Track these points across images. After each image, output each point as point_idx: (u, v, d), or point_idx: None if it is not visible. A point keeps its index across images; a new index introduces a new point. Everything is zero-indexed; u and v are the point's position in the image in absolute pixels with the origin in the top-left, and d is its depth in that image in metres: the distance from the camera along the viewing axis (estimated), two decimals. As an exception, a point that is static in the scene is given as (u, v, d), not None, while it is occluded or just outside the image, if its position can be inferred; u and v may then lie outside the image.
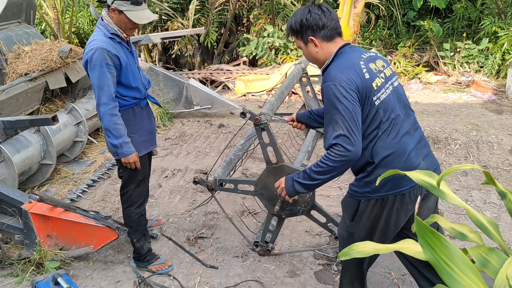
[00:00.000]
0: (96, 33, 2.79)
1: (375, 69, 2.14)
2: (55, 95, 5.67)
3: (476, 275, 1.15)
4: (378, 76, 2.12)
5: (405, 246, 1.48)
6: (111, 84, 2.72)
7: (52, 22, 8.78)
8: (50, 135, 4.41)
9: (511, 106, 6.83)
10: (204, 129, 6.13)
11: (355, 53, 2.16)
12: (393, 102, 2.14)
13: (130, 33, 2.88)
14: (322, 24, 2.15)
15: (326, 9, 2.19)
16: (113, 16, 2.76)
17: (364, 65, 2.10)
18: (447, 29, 9.50)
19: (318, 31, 2.16)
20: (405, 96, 2.28)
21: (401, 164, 2.10)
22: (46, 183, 4.54)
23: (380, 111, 2.09)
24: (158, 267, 3.17)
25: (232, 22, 10.13)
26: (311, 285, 3.00)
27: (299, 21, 2.19)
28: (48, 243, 3.20)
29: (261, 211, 3.92)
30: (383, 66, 2.21)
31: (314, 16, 2.15)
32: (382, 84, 2.13)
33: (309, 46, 2.22)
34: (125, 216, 3.15)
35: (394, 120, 2.12)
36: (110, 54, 2.69)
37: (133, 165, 2.90)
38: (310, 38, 2.18)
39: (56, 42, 5.46)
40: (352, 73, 2.06)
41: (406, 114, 2.21)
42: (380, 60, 2.23)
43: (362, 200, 2.22)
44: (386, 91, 2.13)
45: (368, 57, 2.18)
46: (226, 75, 8.51)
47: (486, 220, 1.64)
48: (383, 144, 2.11)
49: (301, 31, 2.20)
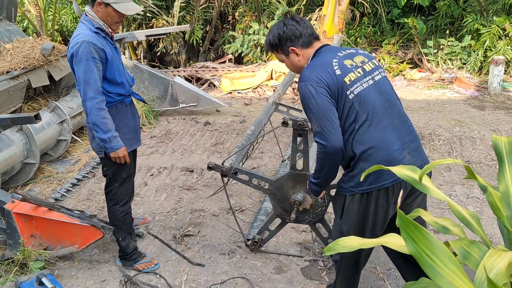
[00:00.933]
0: (80, 28, 2.76)
1: (351, 64, 2.20)
2: (38, 93, 5.59)
3: (458, 268, 1.17)
4: (352, 71, 2.18)
5: (389, 240, 1.50)
6: (97, 78, 2.69)
7: (35, 20, 8.65)
8: (33, 134, 4.35)
9: (493, 102, 6.95)
10: (190, 126, 6.11)
11: (330, 52, 2.25)
12: (372, 96, 2.17)
13: (116, 27, 2.86)
14: (299, 33, 2.25)
15: (300, 19, 2.30)
16: (99, 10, 2.74)
17: (336, 63, 2.18)
18: (431, 26, 9.62)
19: (297, 40, 2.26)
20: (390, 89, 2.29)
21: (382, 158, 2.12)
22: (29, 182, 4.48)
23: (355, 104, 2.14)
24: (144, 266, 3.15)
25: (218, 20, 10.11)
26: (298, 281, 3.02)
27: (277, 35, 2.29)
28: (32, 243, 3.15)
29: (246, 209, 3.93)
30: (363, 62, 2.25)
31: (290, 27, 2.26)
32: (358, 78, 2.17)
33: (290, 57, 2.31)
34: (110, 215, 3.12)
35: (373, 113, 2.14)
36: (96, 47, 2.67)
37: (122, 159, 2.88)
38: (290, 48, 2.28)
39: (38, 40, 5.39)
40: (321, 71, 2.14)
41: (390, 107, 2.21)
42: (361, 56, 2.27)
43: (348, 195, 2.26)
44: (362, 85, 2.17)
45: (345, 54, 2.24)
46: (211, 73, 8.49)
47: (468, 214, 1.67)
48: (362, 137, 2.14)
49: (281, 44, 2.29)
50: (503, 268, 1.19)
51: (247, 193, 4.17)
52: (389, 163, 2.02)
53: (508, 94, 7.31)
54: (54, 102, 5.00)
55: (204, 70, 8.61)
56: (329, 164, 2.20)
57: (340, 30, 8.17)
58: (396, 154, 2.14)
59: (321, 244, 3.36)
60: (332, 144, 2.11)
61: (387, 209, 2.21)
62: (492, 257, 1.24)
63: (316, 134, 2.16)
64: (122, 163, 2.91)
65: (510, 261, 1.23)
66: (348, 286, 2.53)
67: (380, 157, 2.11)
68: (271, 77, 7.98)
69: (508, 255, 1.26)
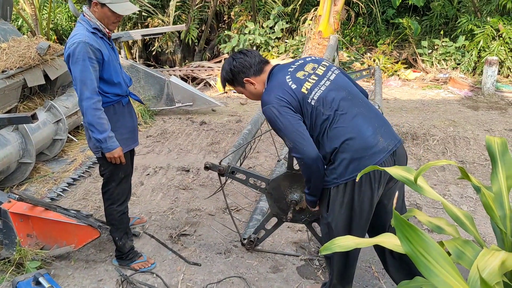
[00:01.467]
0: (78, 28, 2.77)
1: (304, 75, 2.33)
2: (34, 92, 5.58)
3: (452, 267, 1.20)
4: (307, 80, 2.31)
5: (384, 240, 1.52)
6: (94, 78, 2.70)
7: (30, 18, 8.62)
8: (29, 133, 4.35)
9: (487, 103, 7.00)
10: (186, 126, 6.12)
11: (282, 71, 2.38)
12: (332, 95, 2.28)
13: (113, 27, 2.86)
14: (248, 64, 2.41)
15: (246, 51, 2.47)
16: (95, 10, 2.74)
17: (290, 78, 2.31)
18: (425, 26, 9.67)
19: (248, 71, 2.42)
20: (348, 82, 2.41)
21: (359, 145, 2.20)
22: (25, 182, 4.48)
23: (319, 108, 2.25)
24: (141, 265, 3.17)
25: (213, 19, 10.12)
26: (294, 280, 3.04)
27: (229, 71, 2.45)
28: (28, 242, 3.16)
29: (242, 209, 3.95)
30: (313, 68, 2.37)
31: (239, 60, 2.42)
32: (314, 84, 2.30)
33: (247, 87, 2.46)
34: (107, 214, 3.13)
35: (338, 110, 2.25)
36: (92, 48, 2.67)
37: (118, 160, 2.88)
38: (244, 79, 2.43)
39: (34, 39, 5.37)
40: (279, 91, 2.28)
41: (353, 99, 2.32)
42: (310, 63, 2.40)
43: (332, 187, 2.33)
44: (320, 88, 2.29)
45: (295, 67, 2.38)
46: (207, 72, 8.50)
47: (462, 214, 1.70)
48: (336, 132, 2.24)
49: (235, 77, 2.45)
50: (496, 268, 1.22)
51: (243, 192, 4.19)
52: (366, 149, 2.18)
53: (501, 95, 7.37)
54: (49, 101, 4.99)
55: (199, 69, 8.62)
56: (312, 173, 2.31)
57: (336, 30, 8.20)
58: (370, 139, 2.22)
59: (316, 243, 3.39)
60: (308, 154, 2.23)
61: (372, 195, 2.27)
62: (485, 257, 1.27)
63: (291, 150, 2.30)
64: (117, 163, 2.92)
65: (503, 260, 1.26)
66: (344, 277, 2.56)
67: (357, 145, 2.20)
68: (267, 77, 7.99)
69: (501, 255, 1.29)
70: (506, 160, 1.78)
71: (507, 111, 6.58)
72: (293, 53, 8.94)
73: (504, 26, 8.22)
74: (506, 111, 6.58)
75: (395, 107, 6.77)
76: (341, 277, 2.55)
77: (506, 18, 8.42)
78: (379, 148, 2.22)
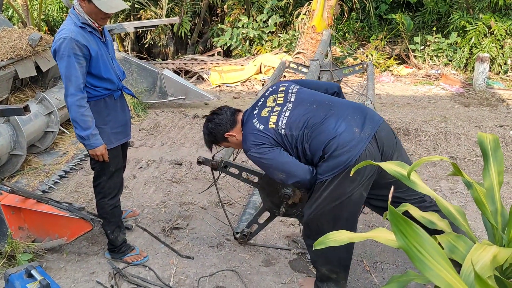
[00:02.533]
0: (66, 22, 2.74)
1: (268, 111, 2.49)
2: (25, 84, 5.53)
3: (445, 261, 1.22)
4: (271, 116, 2.46)
5: (378, 235, 1.54)
6: (79, 75, 2.68)
7: (20, 9, 8.52)
8: (20, 125, 4.31)
9: (478, 99, 7.06)
10: (179, 119, 6.10)
11: (250, 116, 2.55)
12: (296, 115, 2.41)
13: (102, 23, 2.81)
14: (224, 120, 2.60)
15: (217, 110, 2.67)
16: (83, 5, 2.70)
17: (256, 121, 2.47)
18: (418, 22, 9.71)
19: (225, 126, 2.60)
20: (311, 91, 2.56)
21: (335, 146, 2.28)
22: (16, 174, 4.44)
23: (292, 133, 2.38)
24: (134, 258, 3.16)
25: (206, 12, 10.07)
26: (286, 273, 3.06)
27: (210, 133, 2.66)
28: (20, 235, 3.14)
29: (235, 202, 3.95)
30: (274, 100, 2.53)
31: (214, 121, 2.62)
32: (278, 115, 2.44)
33: (230, 140, 2.64)
34: (98, 208, 3.12)
35: (306, 125, 2.36)
36: (79, 44, 2.64)
37: (101, 157, 2.87)
38: (225, 135, 2.61)
39: (25, 30, 5.31)
40: (251, 137, 2.44)
41: (319, 106, 2.42)
42: (270, 97, 2.57)
43: (317, 183, 2.43)
44: (285, 116, 2.43)
45: (259, 108, 2.54)
46: (200, 66, 8.47)
47: (454, 209, 1.72)
48: (314, 144, 2.35)
49: (217, 136, 2.65)
50: (488, 262, 1.24)
51: (235, 186, 4.20)
52: (343, 146, 2.26)
53: (492, 91, 7.43)
54: (41, 93, 4.95)
55: (192, 63, 8.59)
56: (312, 185, 2.44)
57: (329, 25, 8.20)
58: (345, 135, 2.30)
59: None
60: (302, 176, 2.38)
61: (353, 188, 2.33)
62: (477, 251, 1.29)
63: (286, 181, 2.45)
64: (100, 161, 2.90)
65: (494, 255, 1.28)
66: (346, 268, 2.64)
67: (334, 145, 2.28)
68: (260, 71, 7.99)
69: (492, 249, 1.31)
70: (498, 156, 1.81)
71: (497, 107, 6.64)
72: (287, 47, 8.93)
73: (496, 23, 8.28)
74: (497, 107, 6.64)
75: (387, 103, 6.80)
76: (344, 268, 2.62)
77: (498, 15, 8.48)
78: (357, 140, 2.28)
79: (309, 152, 2.38)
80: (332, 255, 2.55)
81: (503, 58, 8.31)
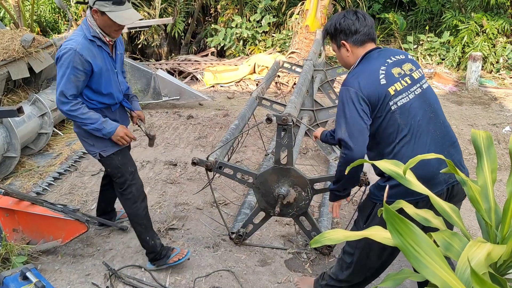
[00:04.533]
0: (76, 33, 2.70)
1: (399, 73, 2.17)
2: (18, 85, 5.49)
3: (441, 259, 1.23)
4: (399, 81, 2.15)
5: (374, 233, 1.55)
6: (72, 87, 2.64)
7: (12, 10, 8.47)
8: (13, 127, 4.29)
9: (471, 98, 7.11)
10: (173, 120, 6.09)
11: (380, 58, 2.21)
12: (416, 107, 2.14)
13: (116, 35, 2.75)
14: (355, 29, 2.22)
15: (362, 16, 2.25)
16: (96, 18, 2.65)
17: (384, 71, 2.15)
18: (411, 22, 9.76)
19: (351, 35, 2.23)
20: (436, 99, 2.26)
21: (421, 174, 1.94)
22: (10, 176, 4.42)
23: (396, 116, 2.11)
24: (179, 256, 3.04)
25: (200, 12, 10.06)
26: (282, 273, 3.07)
27: (333, 25, 2.27)
28: (15, 237, 3.13)
29: (230, 203, 3.96)
30: (411, 70, 2.22)
31: (348, 21, 2.23)
32: (405, 88, 2.15)
33: (341, 50, 2.30)
34: (132, 217, 3.00)
35: (415, 126, 2.12)
36: (82, 59, 2.61)
37: (127, 137, 2.83)
38: (342, 42, 2.26)
39: (18, 31, 5.28)
40: (365, 79, 2.12)
41: (434, 117, 2.19)
42: (409, 63, 2.25)
43: (378, 203, 2.23)
44: (408, 96, 2.14)
45: (394, 61, 2.21)
46: (194, 66, 8.46)
47: (448, 207, 1.73)
48: (403, 151, 2.11)
49: (335, 34, 2.28)
50: (483, 259, 1.25)
51: (231, 186, 4.20)
52: (426, 180, 1.96)
53: (485, 90, 7.48)
54: (34, 94, 4.92)
55: (186, 63, 8.57)
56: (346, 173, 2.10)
57: (323, 24, 8.21)
58: (433, 169, 2.09)
59: (304, 237, 3.42)
60: (355, 153, 2.11)
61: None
62: (472, 248, 1.30)
63: (341, 141, 2.16)
64: (128, 142, 2.87)
65: (489, 252, 1.30)
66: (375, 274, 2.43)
67: (419, 174, 1.89)
68: (254, 71, 7.99)
69: (487, 246, 1.32)
70: (491, 153, 1.82)
71: (490, 106, 6.69)
72: (280, 47, 8.94)
73: (488, 22, 8.34)
74: (489, 106, 6.69)
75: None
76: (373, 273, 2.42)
77: (490, 14, 8.54)
78: (439, 180, 2.09)
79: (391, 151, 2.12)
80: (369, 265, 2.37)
81: (495, 57, 8.37)
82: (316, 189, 3.01)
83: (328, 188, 2.49)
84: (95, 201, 3.97)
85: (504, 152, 4.98)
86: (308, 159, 4.85)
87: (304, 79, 4.10)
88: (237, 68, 8.05)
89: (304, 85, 4.02)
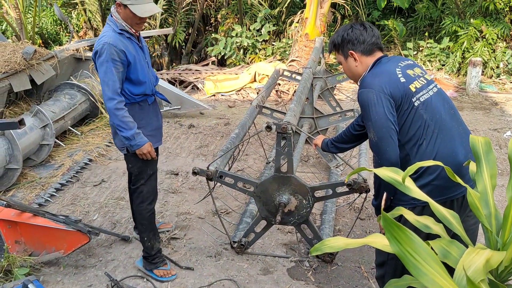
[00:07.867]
0: (105, 29, 2.83)
1: (413, 74, 2.19)
2: (20, 97, 5.53)
3: (439, 266, 1.23)
4: (417, 80, 2.16)
5: (373, 240, 1.55)
6: (116, 80, 2.76)
7: (14, 22, 8.53)
8: (15, 138, 4.31)
9: (471, 103, 7.11)
10: (174, 129, 6.11)
11: (392, 62, 2.23)
12: (438, 103, 2.15)
13: (138, 28, 2.88)
14: (363, 39, 2.24)
15: (369, 26, 2.28)
16: (120, 11, 2.79)
17: (400, 71, 2.16)
18: (410, 28, 9.79)
19: (358, 45, 2.25)
20: (448, 97, 2.27)
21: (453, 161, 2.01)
22: (12, 188, 4.43)
23: (421, 112, 2.10)
24: (163, 273, 3.10)
25: (200, 22, 10.11)
26: (284, 281, 3.06)
27: (341, 36, 2.29)
28: (17, 249, 3.13)
29: (232, 211, 3.95)
30: (422, 73, 2.24)
31: (356, 31, 2.25)
32: (423, 86, 2.16)
33: (348, 61, 2.30)
34: (136, 214, 3.15)
35: (440, 121, 2.12)
36: (117, 49, 2.73)
37: (148, 155, 2.90)
38: (350, 52, 2.26)
39: (19, 43, 5.33)
40: (385, 78, 2.12)
41: (455, 115, 2.21)
42: (418, 68, 2.27)
43: (407, 207, 2.03)
44: (428, 93, 2.15)
45: (405, 64, 2.23)
46: (195, 75, 8.49)
47: (448, 213, 1.73)
48: (430, 148, 2.09)
49: (342, 45, 2.29)
50: (481, 266, 1.25)
51: (232, 195, 4.20)
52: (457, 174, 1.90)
53: (485, 95, 7.49)
54: (36, 106, 4.95)
55: (187, 72, 8.61)
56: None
57: (322, 32, 8.25)
58: (462, 168, 2.07)
59: (306, 245, 3.41)
60: (387, 157, 2.09)
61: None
62: (470, 255, 1.30)
63: (373, 145, 2.15)
64: (148, 159, 2.92)
65: (487, 258, 1.29)
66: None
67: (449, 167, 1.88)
68: (255, 80, 8.02)
69: (485, 253, 1.32)
70: (490, 159, 1.82)
71: (491, 111, 6.69)
72: (280, 55, 8.97)
73: (487, 28, 8.36)
74: (490, 111, 6.69)
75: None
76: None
77: (489, 20, 8.57)
78: (466, 178, 2.00)
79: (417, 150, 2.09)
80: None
81: (495, 62, 8.38)
82: (317, 196, 3.02)
83: (372, 204, 2.38)
84: (97, 212, 3.98)
85: (505, 157, 4.97)
86: (309, 167, 4.85)
87: (303, 87, 4.11)
88: (238, 77, 8.08)
89: (304, 93, 4.03)
